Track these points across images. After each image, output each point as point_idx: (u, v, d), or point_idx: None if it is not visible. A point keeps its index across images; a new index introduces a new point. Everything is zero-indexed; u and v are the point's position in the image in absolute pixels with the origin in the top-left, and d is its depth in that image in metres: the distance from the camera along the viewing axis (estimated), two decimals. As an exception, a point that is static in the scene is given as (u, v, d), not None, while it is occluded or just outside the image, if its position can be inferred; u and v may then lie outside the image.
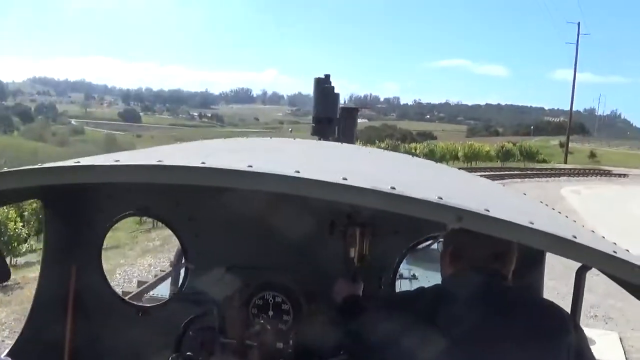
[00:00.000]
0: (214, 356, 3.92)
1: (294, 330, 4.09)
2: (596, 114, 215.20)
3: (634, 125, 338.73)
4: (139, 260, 22.13)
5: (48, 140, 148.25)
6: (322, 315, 4.05)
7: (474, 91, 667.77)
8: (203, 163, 2.27)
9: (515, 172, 62.81)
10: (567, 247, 2.12)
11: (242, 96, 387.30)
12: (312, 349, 4.04)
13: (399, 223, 4.04)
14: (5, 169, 2.49)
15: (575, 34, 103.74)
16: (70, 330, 4.28)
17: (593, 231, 2.97)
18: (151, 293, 8.08)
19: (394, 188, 2.14)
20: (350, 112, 9.81)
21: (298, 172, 2.21)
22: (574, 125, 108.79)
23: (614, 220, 29.71)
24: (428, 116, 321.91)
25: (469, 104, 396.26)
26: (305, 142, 4.98)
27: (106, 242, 4.76)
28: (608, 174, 70.75)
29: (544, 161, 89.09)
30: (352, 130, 9.59)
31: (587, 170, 72.70)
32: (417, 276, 6.80)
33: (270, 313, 4.15)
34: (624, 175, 69.13)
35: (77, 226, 4.33)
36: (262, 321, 3.99)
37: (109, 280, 4.66)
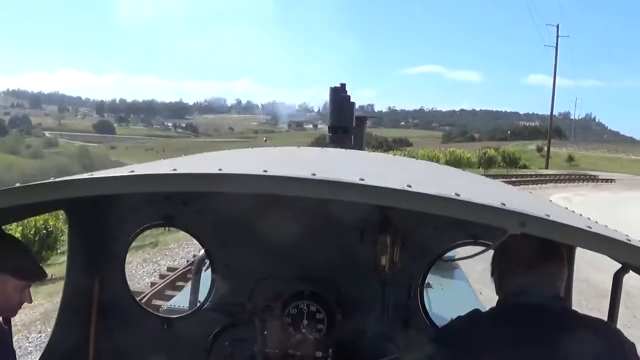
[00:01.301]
0: None
1: (329, 338, 4.05)
2: (571, 117, 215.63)
3: (608, 128, 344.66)
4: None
5: (22, 153, 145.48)
6: (356, 323, 4.09)
7: (448, 97, 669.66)
8: (265, 171, 2.26)
9: (500, 180, 60.21)
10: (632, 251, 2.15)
11: (216, 106, 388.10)
12: (350, 356, 4.03)
13: (427, 232, 4.08)
14: (32, 182, 2.51)
15: (553, 36, 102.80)
16: (94, 342, 4.25)
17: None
18: (169, 304, 7.53)
19: (458, 194, 2.14)
20: (360, 121, 9.67)
21: (362, 179, 2.20)
22: (548, 130, 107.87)
23: (617, 228, 27.78)
24: (403, 123, 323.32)
25: (444, 110, 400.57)
26: (338, 150, 5.22)
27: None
28: (594, 179, 69.81)
29: (525, 167, 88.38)
30: (362, 139, 9.63)
31: (573, 176, 71.80)
32: (431, 284, 6.44)
33: (305, 322, 4.08)
34: (611, 181, 68.18)
35: (101, 237, 4.31)
36: (303, 330, 3.95)
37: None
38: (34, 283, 3.35)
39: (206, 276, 5.33)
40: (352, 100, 9.32)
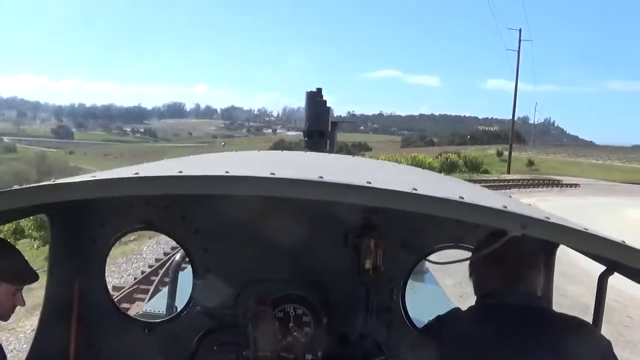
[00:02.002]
0: None
1: (317, 341, 4.10)
2: (530, 122, 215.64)
3: (567, 132, 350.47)
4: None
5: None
6: (342, 326, 4.15)
7: (407, 102, 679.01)
8: (273, 174, 2.29)
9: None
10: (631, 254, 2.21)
11: (174, 110, 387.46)
12: (338, 358, 4.10)
13: (410, 235, 4.18)
14: (15, 187, 2.49)
15: (514, 40, 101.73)
16: (74, 348, 4.25)
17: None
18: (144, 309, 7.05)
19: (462, 197, 2.21)
20: (333, 126, 9.72)
21: (369, 182, 2.24)
22: (509, 134, 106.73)
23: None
24: (362, 127, 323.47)
25: (403, 114, 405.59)
26: (321, 154, 5.66)
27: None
28: (559, 184, 68.08)
29: (486, 172, 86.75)
30: (333, 143, 9.70)
31: (536, 181, 70.12)
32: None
33: (291, 325, 4.12)
34: (576, 185, 66.71)
35: (82, 241, 4.32)
36: (292, 333, 3.99)
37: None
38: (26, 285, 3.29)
39: (183, 280, 5.59)
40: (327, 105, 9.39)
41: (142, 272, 19.33)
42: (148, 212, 4.38)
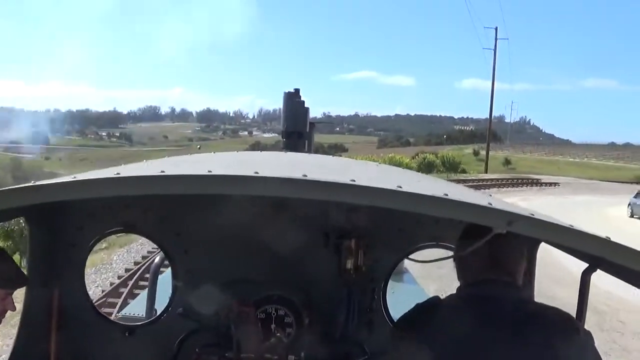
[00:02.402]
0: None
1: (300, 341, 4.10)
2: (506, 120, 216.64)
3: (543, 131, 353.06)
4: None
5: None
6: (324, 326, 4.17)
7: (383, 102, 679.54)
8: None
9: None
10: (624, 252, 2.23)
11: (150, 114, 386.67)
12: (321, 358, 4.09)
13: (390, 235, 4.21)
14: None
15: (489, 39, 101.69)
16: (55, 352, 4.21)
17: None
18: (124, 312, 7.25)
19: (447, 194, 2.21)
20: (311, 127, 9.54)
21: (354, 180, 2.25)
22: (487, 133, 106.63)
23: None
24: (338, 128, 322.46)
25: (379, 115, 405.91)
26: (300, 154, 5.74)
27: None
28: (538, 182, 67.77)
29: (464, 171, 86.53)
30: (311, 144, 9.61)
31: (515, 180, 70.01)
32: None
33: (273, 326, 4.12)
34: (555, 184, 66.55)
35: (61, 245, 4.28)
36: (278, 334, 4.00)
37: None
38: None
39: (162, 283, 5.51)
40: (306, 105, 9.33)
41: (111, 284, 19.12)
42: (127, 215, 4.32)
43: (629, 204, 43.11)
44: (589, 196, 53.22)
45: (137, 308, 6.55)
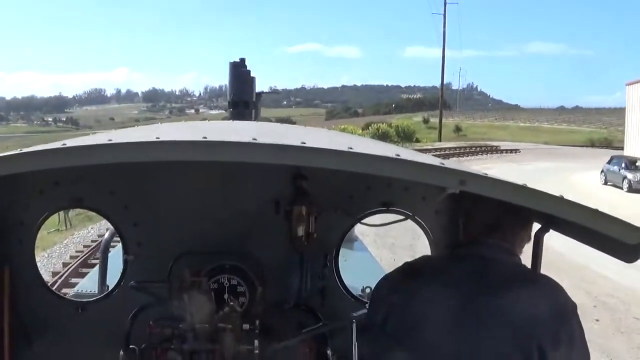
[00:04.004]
0: (187, 343, 3.73)
1: (254, 310, 4.12)
2: (454, 87, 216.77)
3: (491, 96, 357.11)
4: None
5: None
6: (277, 294, 4.20)
7: (329, 74, 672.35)
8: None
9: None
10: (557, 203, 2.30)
11: (96, 97, 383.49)
12: (276, 327, 4.06)
13: (341, 201, 4.23)
14: None
15: (438, 4, 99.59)
16: (8, 332, 4.22)
17: None
18: (76, 289, 7.08)
19: (398, 155, 2.23)
20: (257, 97, 9.32)
21: (304, 142, 2.27)
22: (435, 101, 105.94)
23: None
24: (285, 102, 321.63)
25: (325, 87, 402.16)
26: (249, 122, 5.93)
27: None
28: (497, 150, 66.69)
29: (417, 141, 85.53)
30: (258, 114, 9.53)
31: (475, 148, 69.18)
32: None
33: (226, 296, 4.13)
34: (516, 151, 65.66)
35: (8, 223, 4.26)
36: (232, 303, 3.89)
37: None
38: None
39: (113, 258, 5.52)
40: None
41: (64, 265, 19.41)
42: (76, 190, 4.24)
43: (602, 171, 42.15)
44: (552, 162, 52.58)
45: (89, 285, 6.38)
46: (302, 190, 3.98)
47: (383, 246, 19.52)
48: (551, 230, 2.96)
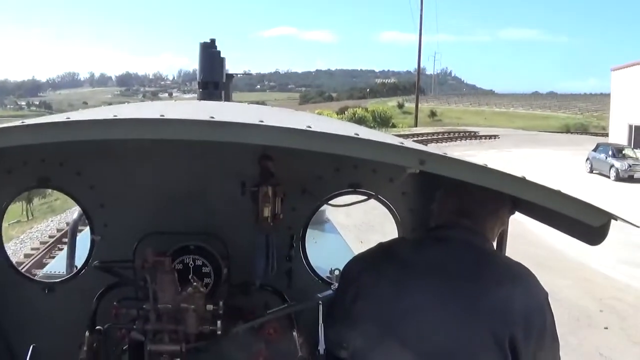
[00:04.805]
0: (149, 323, 3.76)
1: (218, 291, 4.11)
2: (428, 72, 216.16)
3: (465, 82, 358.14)
4: None
5: None
6: (243, 276, 4.19)
7: (303, 58, 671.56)
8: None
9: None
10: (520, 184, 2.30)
11: (69, 81, 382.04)
12: (240, 309, 4.10)
13: (308, 182, 4.26)
14: None
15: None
16: None
17: None
18: (44, 270, 7.12)
19: (357, 134, 2.26)
20: (228, 78, 8.96)
21: (262, 121, 2.30)
22: (410, 86, 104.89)
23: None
24: (258, 86, 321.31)
25: (300, 71, 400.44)
26: (214, 102, 5.50)
27: None
28: (476, 136, 65.75)
29: (394, 126, 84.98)
30: (229, 95, 9.11)
31: (453, 134, 68.47)
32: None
33: (191, 276, 4.02)
34: (495, 137, 64.97)
35: None
36: (195, 284, 3.85)
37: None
38: None
39: (82, 240, 5.49)
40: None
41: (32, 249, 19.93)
42: (42, 170, 4.22)
43: (588, 159, 41.49)
44: (535, 149, 51.82)
45: (58, 266, 6.35)
46: (267, 171, 3.91)
47: (368, 243, 18.25)
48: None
